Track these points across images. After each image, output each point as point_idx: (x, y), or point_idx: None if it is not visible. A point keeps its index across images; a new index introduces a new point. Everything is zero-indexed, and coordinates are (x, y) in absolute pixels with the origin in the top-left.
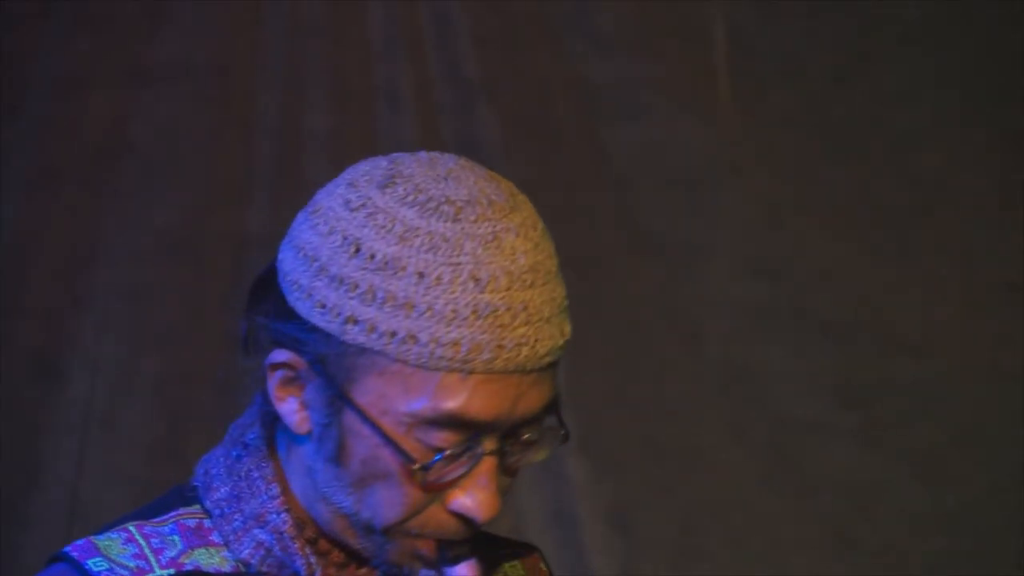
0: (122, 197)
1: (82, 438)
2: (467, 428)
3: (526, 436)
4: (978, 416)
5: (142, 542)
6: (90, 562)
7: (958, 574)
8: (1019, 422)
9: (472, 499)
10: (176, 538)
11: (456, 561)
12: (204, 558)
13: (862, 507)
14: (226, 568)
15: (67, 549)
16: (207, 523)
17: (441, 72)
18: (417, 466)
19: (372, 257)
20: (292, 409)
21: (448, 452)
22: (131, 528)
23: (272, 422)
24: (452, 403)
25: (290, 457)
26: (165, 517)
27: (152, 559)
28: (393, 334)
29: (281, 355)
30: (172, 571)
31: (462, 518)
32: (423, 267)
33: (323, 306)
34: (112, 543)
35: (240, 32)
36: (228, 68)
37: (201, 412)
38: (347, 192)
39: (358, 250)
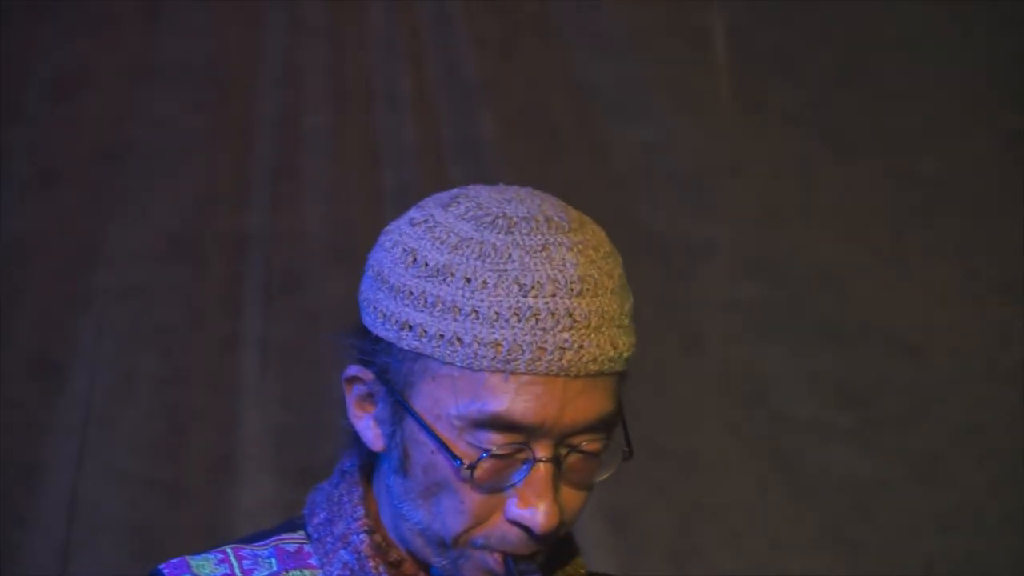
0: (122, 197)
1: (82, 438)
2: (515, 431)
3: (583, 447)
4: (978, 416)
5: (234, 562)
6: None
7: (958, 574)
8: (1019, 422)
9: (527, 507)
10: (272, 560)
11: None
12: None
13: (862, 507)
14: None
15: (161, 566)
16: (307, 547)
17: (441, 72)
18: (464, 465)
19: (426, 265)
20: (367, 426)
21: (494, 451)
22: (228, 550)
23: (368, 450)
24: (497, 404)
25: (379, 483)
26: (266, 541)
27: None
28: (441, 336)
29: (353, 369)
30: None
31: (523, 529)
32: (470, 273)
33: (384, 316)
34: (206, 563)
35: (240, 32)
36: (228, 68)
37: (201, 412)
38: (414, 212)
39: (414, 260)
